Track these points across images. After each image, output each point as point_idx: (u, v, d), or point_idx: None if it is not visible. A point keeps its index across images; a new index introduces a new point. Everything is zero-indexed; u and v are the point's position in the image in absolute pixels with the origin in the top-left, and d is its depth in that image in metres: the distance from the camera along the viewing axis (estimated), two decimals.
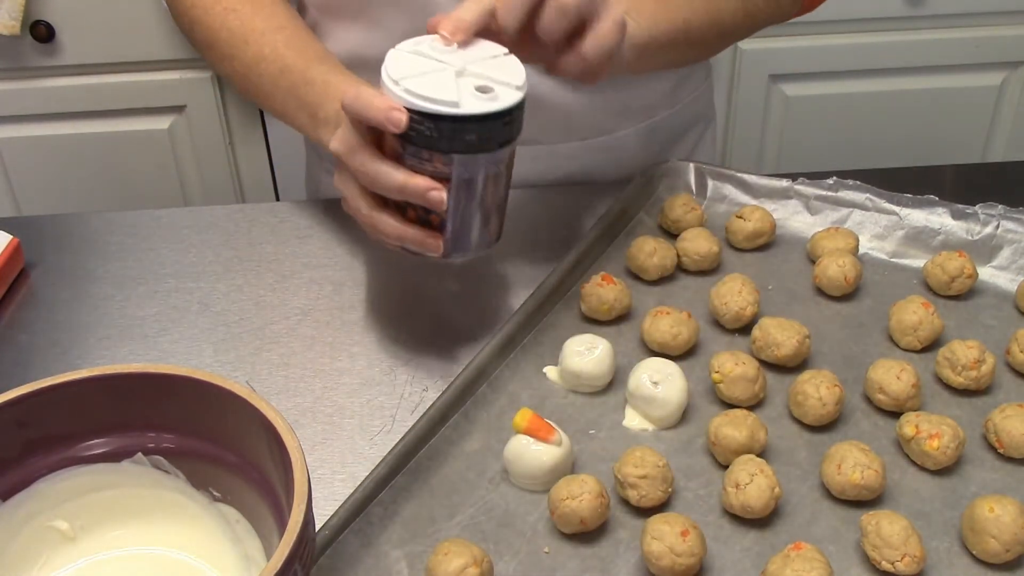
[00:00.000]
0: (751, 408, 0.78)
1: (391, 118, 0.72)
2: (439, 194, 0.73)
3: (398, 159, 0.74)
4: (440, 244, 0.77)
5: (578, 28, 0.78)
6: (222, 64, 0.93)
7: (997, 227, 0.92)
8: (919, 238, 0.94)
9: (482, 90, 0.73)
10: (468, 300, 0.92)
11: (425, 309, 0.92)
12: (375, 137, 0.75)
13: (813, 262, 0.93)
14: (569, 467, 0.74)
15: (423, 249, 0.77)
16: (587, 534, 0.70)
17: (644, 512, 0.71)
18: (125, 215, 1.04)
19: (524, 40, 0.78)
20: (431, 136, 0.72)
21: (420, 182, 0.73)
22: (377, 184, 0.75)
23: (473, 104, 0.71)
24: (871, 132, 1.96)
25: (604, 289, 0.86)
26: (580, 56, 0.78)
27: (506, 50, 0.76)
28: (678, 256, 0.93)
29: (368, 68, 1.03)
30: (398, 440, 0.74)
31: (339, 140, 0.76)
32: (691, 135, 1.15)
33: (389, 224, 0.77)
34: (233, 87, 0.95)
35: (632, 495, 0.70)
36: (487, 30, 0.77)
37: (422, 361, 0.86)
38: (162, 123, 1.83)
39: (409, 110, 0.72)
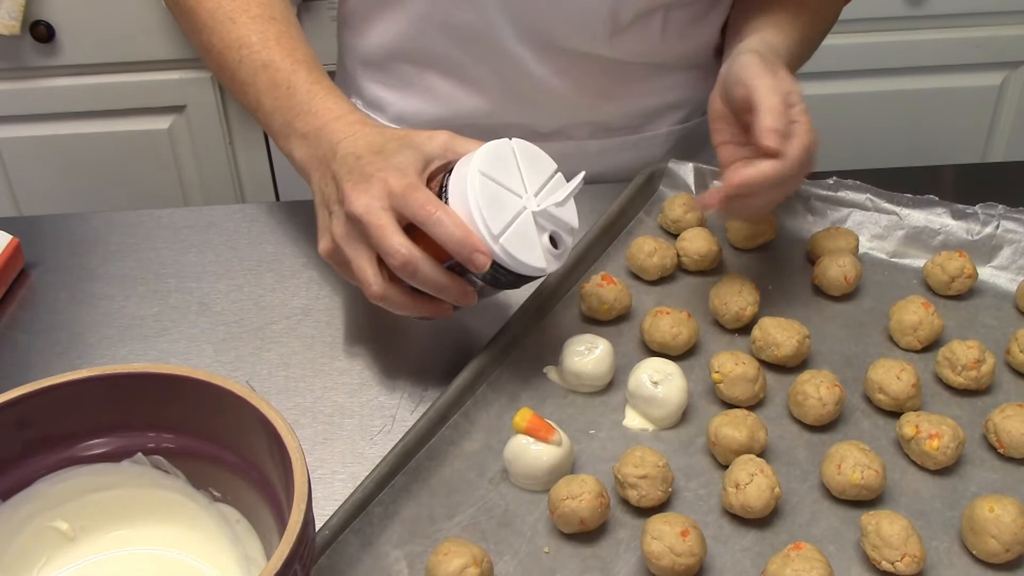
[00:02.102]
0: (751, 408, 0.78)
1: (475, 261, 0.72)
2: (473, 296, 0.77)
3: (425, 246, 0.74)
4: (449, 307, 0.79)
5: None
6: (199, 35, 0.89)
7: (997, 227, 0.92)
8: (919, 238, 0.94)
9: (553, 240, 0.76)
10: None
11: None
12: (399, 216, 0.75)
13: (813, 262, 0.93)
14: (569, 467, 0.74)
15: (435, 314, 0.79)
16: (587, 534, 0.70)
17: (644, 512, 0.71)
18: (125, 215, 1.04)
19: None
20: (504, 281, 0.76)
21: (458, 287, 0.75)
22: (415, 275, 0.73)
23: (551, 263, 0.76)
24: (871, 132, 1.96)
25: (604, 289, 0.86)
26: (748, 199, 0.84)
27: (556, 165, 0.79)
28: (678, 256, 0.93)
29: (405, 60, 1.03)
30: (398, 440, 0.74)
31: (367, 210, 0.73)
32: None
33: (403, 298, 0.76)
34: (206, 62, 0.92)
35: (632, 495, 0.70)
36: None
37: (422, 361, 0.86)
38: (162, 123, 1.83)
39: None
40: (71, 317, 0.91)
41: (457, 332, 0.89)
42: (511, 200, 0.75)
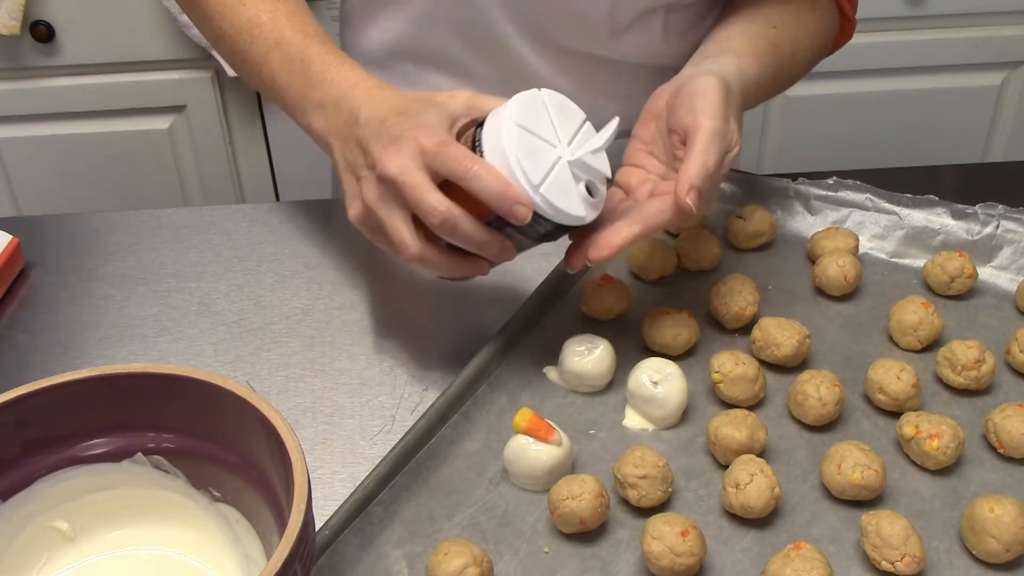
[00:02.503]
0: (751, 408, 0.78)
1: (516, 213, 0.71)
2: (512, 251, 0.76)
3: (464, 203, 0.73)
4: (486, 265, 0.78)
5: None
6: (209, 23, 0.89)
7: (997, 227, 0.92)
8: (919, 238, 0.94)
9: (589, 189, 0.76)
10: (468, 300, 0.92)
11: (425, 309, 0.92)
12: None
13: (813, 262, 0.93)
14: (569, 467, 0.74)
15: (473, 273, 0.78)
16: (587, 534, 0.70)
17: (644, 512, 0.71)
18: (125, 215, 1.04)
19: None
20: (544, 233, 0.75)
21: (497, 242, 0.74)
22: (455, 232, 0.72)
23: (589, 212, 0.75)
24: (871, 132, 1.96)
25: (604, 289, 0.86)
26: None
27: (584, 114, 0.78)
28: (678, 256, 0.93)
29: (407, 59, 1.03)
30: (398, 440, 0.74)
31: (401, 170, 0.72)
32: None
33: (440, 258, 0.75)
34: (217, 49, 0.91)
35: (632, 495, 0.70)
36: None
37: (422, 361, 0.86)
38: (162, 123, 1.83)
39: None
40: (71, 317, 0.91)
41: (457, 332, 0.89)
42: (547, 150, 0.74)
